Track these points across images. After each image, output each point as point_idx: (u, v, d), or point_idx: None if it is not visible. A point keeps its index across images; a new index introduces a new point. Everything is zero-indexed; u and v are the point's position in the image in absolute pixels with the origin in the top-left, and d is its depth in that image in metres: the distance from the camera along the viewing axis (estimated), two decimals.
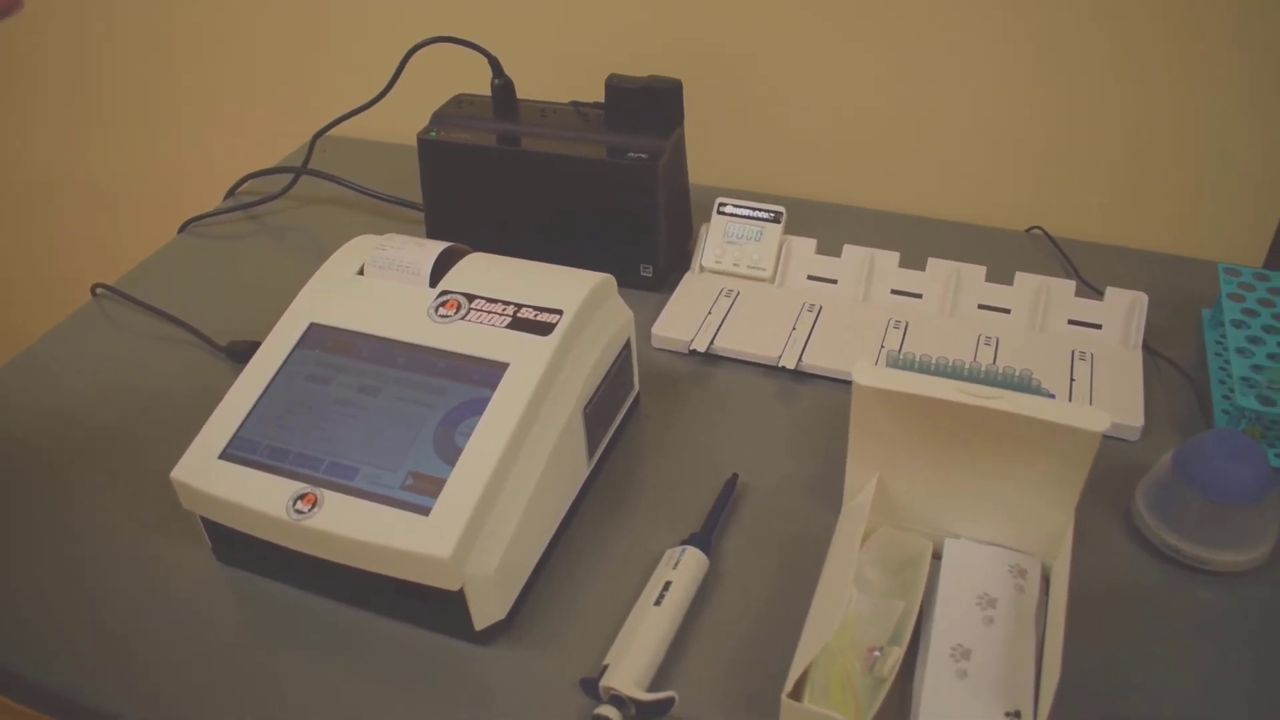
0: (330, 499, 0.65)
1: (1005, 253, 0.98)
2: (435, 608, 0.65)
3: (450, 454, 0.65)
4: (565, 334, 0.70)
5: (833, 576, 0.63)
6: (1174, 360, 0.85)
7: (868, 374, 0.60)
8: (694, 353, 0.86)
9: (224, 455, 0.68)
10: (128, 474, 0.79)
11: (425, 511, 0.63)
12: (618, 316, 0.76)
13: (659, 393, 0.84)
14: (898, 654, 0.59)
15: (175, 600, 0.70)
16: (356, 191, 1.09)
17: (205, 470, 0.68)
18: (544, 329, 0.70)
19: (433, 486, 0.64)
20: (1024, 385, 0.72)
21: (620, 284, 0.77)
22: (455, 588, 0.63)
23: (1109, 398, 0.79)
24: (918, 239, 0.99)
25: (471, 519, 0.62)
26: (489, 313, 0.72)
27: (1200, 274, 0.95)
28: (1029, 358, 0.83)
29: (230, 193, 1.11)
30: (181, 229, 1.06)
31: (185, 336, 0.92)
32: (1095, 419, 0.57)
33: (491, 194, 0.94)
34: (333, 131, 1.07)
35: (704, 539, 0.70)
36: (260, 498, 0.66)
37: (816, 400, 0.83)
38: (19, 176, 1.59)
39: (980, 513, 0.65)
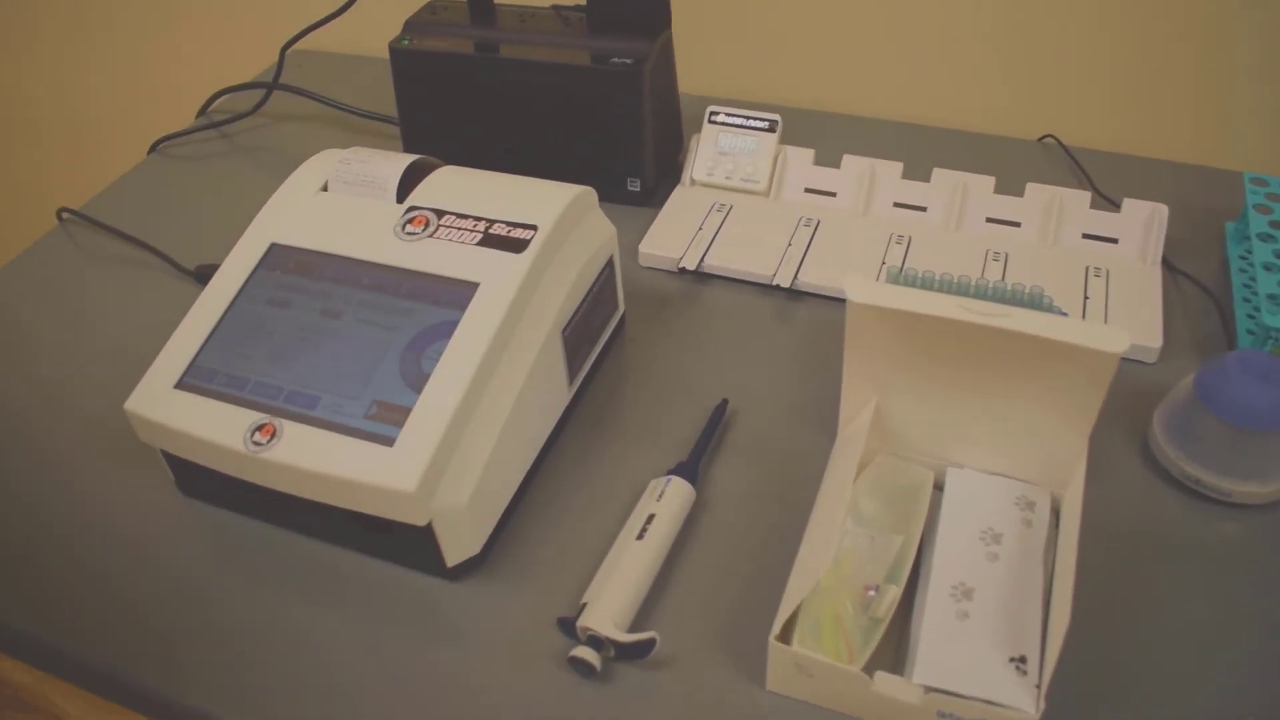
0: (290, 429, 0.59)
1: (1016, 163, 0.90)
2: (404, 543, 0.60)
3: (417, 381, 0.59)
4: (540, 251, 0.64)
5: (826, 509, 0.57)
6: (1195, 277, 0.78)
7: (862, 289, 0.54)
8: (684, 271, 0.80)
9: (180, 384, 0.62)
10: (91, 405, 0.74)
11: (389, 442, 0.57)
12: (599, 232, 0.70)
13: (647, 314, 0.78)
14: (895, 593, 0.54)
15: (139, 536, 0.65)
16: (331, 107, 1.01)
17: (160, 401, 0.62)
18: (517, 246, 0.64)
19: (398, 415, 0.58)
20: (1034, 302, 0.65)
21: (606, 199, 0.70)
22: (423, 523, 0.58)
23: (1126, 316, 0.73)
24: (922, 149, 0.92)
25: (439, 449, 0.57)
26: (459, 229, 0.65)
27: (1224, 185, 0.87)
28: (1040, 274, 0.76)
29: (202, 110, 1.04)
30: (152, 149, 1.00)
31: (154, 261, 0.86)
32: (1113, 339, 0.51)
33: (470, 105, 0.87)
34: (309, 46, 1.00)
35: (690, 468, 0.65)
36: (217, 429, 0.60)
37: (813, 320, 0.77)
38: None
39: (986, 440, 0.59)
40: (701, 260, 0.79)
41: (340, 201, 0.69)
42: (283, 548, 0.63)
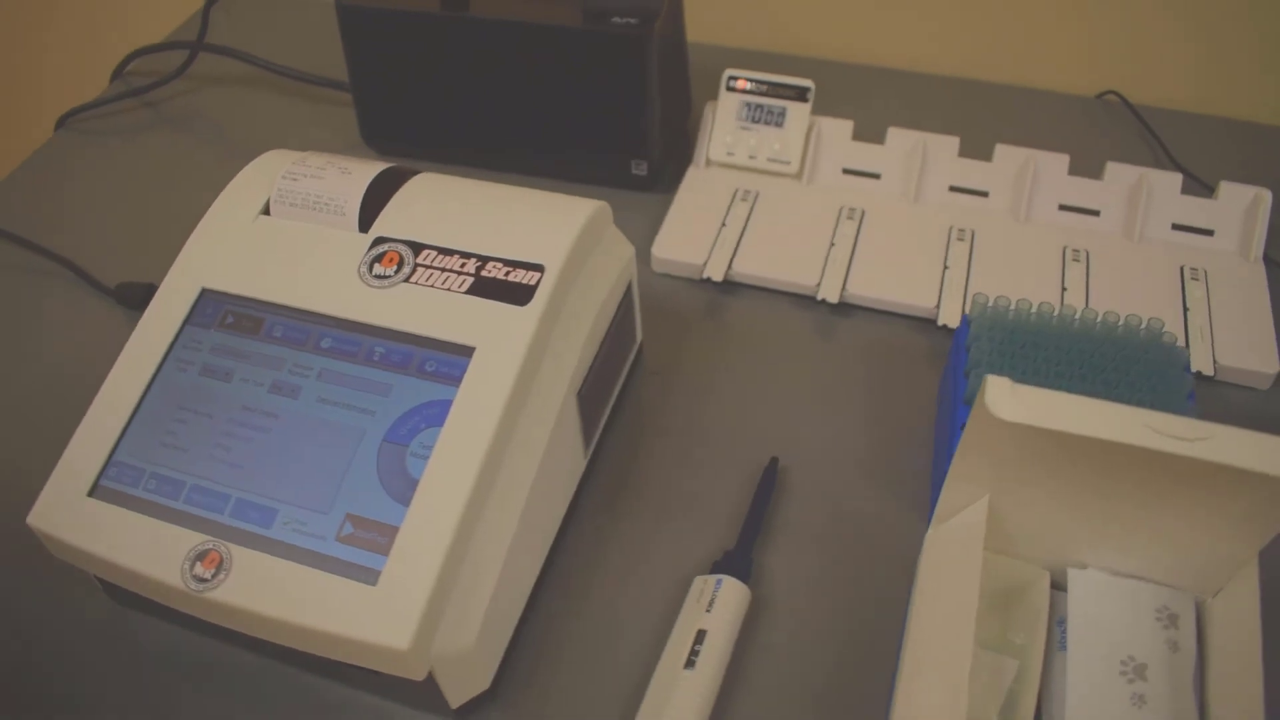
0: (240, 558, 0.43)
1: (1076, 127, 0.74)
2: (397, 685, 0.45)
3: (402, 488, 0.44)
4: (549, 300, 0.47)
5: (943, 629, 0.43)
6: None
7: (1008, 402, 0.38)
8: (708, 280, 0.63)
9: (96, 491, 0.46)
10: None
11: (372, 578, 0.42)
12: (617, 257, 0.53)
13: (665, 336, 0.62)
14: None
15: (60, 654, 0.49)
16: (272, 72, 0.80)
17: (71, 513, 0.46)
18: (520, 294, 0.47)
19: (380, 537, 0.43)
20: (1155, 341, 0.50)
21: (604, 184, 0.52)
22: (420, 676, 0.43)
23: (1232, 333, 0.58)
24: (972, 110, 0.75)
25: (436, 587, 0.41)
26: (443, 270, 0.48)
27: None
28: (1128, 277, 0.61)
29: (117, 73, 0.83)
30: (59, 125, 0.79)
31: (61, 273, 0.67)
32: None
33: (438, 76, 0.68)
34: None
35: (742, 560, 0.50)
36: (145, 556, 0.44)
37: (865, 340, 0.61)
38: None
39: (1117, 539, 0.45)
40: (729, 268, 0.63)
41: (286, 230, 0.51)
42: (245, 675, 0.48)
